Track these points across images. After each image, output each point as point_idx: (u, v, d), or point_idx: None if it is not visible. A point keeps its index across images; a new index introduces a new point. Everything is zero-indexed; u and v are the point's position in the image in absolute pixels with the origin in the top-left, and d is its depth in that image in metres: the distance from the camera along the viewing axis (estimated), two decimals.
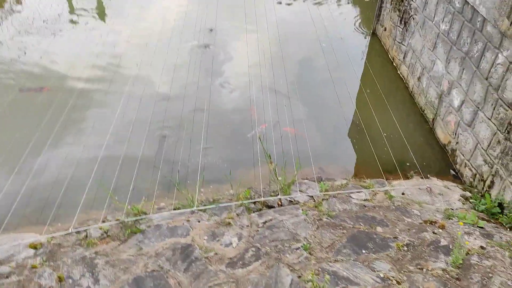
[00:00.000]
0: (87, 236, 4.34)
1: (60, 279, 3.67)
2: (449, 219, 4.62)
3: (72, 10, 9.87)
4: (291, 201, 5.17)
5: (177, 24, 9.46)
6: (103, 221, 4.61)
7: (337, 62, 8.48)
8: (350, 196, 5.20)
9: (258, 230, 4.51)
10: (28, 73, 7.51)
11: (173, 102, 7.03)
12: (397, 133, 6.54)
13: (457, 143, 6.00)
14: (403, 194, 5.23)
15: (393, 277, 3.68)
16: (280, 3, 11.29)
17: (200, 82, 7.60)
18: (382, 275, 3.70)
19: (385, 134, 6.47)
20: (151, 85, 7.49)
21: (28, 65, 7.73)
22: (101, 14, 9.92)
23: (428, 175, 5.82)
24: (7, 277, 3.70)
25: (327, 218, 4.66)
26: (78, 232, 4.40)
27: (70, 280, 3.68)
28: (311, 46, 9.16)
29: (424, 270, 3.77)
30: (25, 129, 6.16)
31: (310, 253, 4.07)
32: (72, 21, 9.41)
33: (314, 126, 6.85)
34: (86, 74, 7.57)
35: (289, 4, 11.32)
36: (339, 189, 5.39)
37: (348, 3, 11.66)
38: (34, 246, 4.13)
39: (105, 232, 4.39)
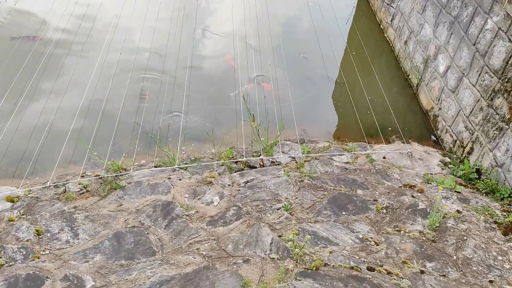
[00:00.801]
0: (65, 191, 4.26)
1: (38, 233, 3.61)
2: (428, 183, 4.72)
3: None
4: (273, 162, 5.16)
5: None
6: (82, 176, 4.52)
7: (323, 22, 8.28)
8: (332, 159, 5.22)
9: (239, 190, 4.51)
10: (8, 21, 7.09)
11: (154, 55, 6.80)
12: (381, 97, 6.53)
13: (439, 109, 6.04)
14: (384, 158, 5.29)
15: (371, 238, 3.76)
16: None
17: (183, 36, 7.33)
18: (361, 236, 3.78)
19: (369, 98, 6.45)
20: (132, 36, 7.19)
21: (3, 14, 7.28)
22: None
23: (410, 140, 5.88)
24: None
25: (309, 180, 4.69)
26: (56, 186, 4.31)
27: (49, 234, 3.63)
28: (297, 5, 8.89)
29: (402, 232, 3.87)
30: (2, 77, 5.88)
31: (291, 214, 4.11)
32: None
33: (297, 87, 6.76)
34: (64, 24, 7.19)
35: None
36: (322, 151, 5.40)
37: None
38: (11, 200, 4.03)
39: (84, 187, 4.31)
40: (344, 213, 4.13)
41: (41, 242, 3.55)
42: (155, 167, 4.85)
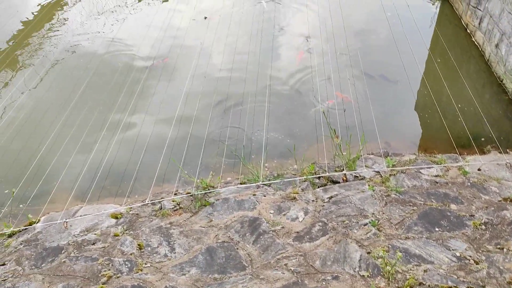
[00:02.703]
0: (161, 208, 4.59)
1: (140, 247, 3.94)
2: None
3: None
4: (356, 176, 5.08)
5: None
6: (175, 194, 4.84)
7: (403, 31, 8.04)
8: (420, 172, 5.01)
9: (323, 205, 4.51)
10: (100, 53, 7.89)
11: (236, 75, 7.11)
12: (472, 105, 6.14)
13: None
14: (479, 170, 4.95)
15: (470, 256, 3.54)
16: None
17: (261, 56, 7.58)
18: (458, 254, 3.57)
19: (458, 106, 6.10)
20: (214, 59, 7.59)
21: (94, 45, 8.10)
22: None
23: (507, 150, 5.44)
24: (93, 243, 4.03)
25: (396, 194, 4.55)
26: (153, 204, 4.67)
27: (149, 248, 3.94)
28: (374, 15, 8.74)
29: (505, 250, 3.59)
30: (101, 106, 6.54)
31: (378, 230, 4.01)
32: (138, 3, 9.66)
33: (378, 97, 6.61)
34: (153, 52, 7.81)
35: None
36: (408, 164, 5.21)
37: None
38: (115, 216, 4.44)
39: (177, 204, 4.62)
40: (437, 229, 3.93)
41: (143, 255, 3.86)
42: (241, 184, 5.03)
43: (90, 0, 9.65)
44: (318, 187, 4.91)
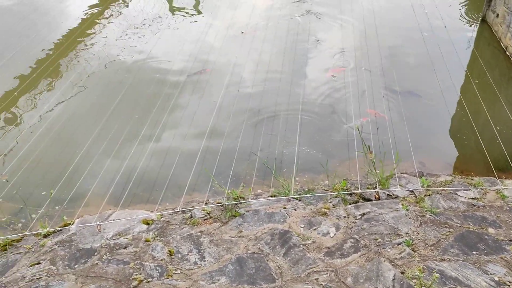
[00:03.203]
0: (192, 216, 4.62)
1: (170, 253, 3.97)
2: None
3: (172, 9, 10.47)
4: (389, 195, 4.99)
5: (268, 15, 9.58)
6: (206, 203, 4.87)
7: (440, 51, 7.96)
8: (456, 194, 4.88)
9: (355, 222, 4.44)
10: (133, 67, 8.13)
11: (269, 89, 7.17)
12: (511, 128, 5.96)
13: None
14: None
15: (509, 282, 3.39)
16: None
17: (295, 70, 7.64)
18: (496, 279, 3.43)
19: (497, 128, 5.93)
20: (248, 73, 7.68)
21: (130, 58, 8.36)
22: (198, 11, 10.39)
23: None
24: (125, 247, 4.09)
25: (431, 215, 4.44)
26: (184, 212, 4.71)
27: (179, 255, 3.96)
28: (411, 34, 8.70)
29: None
30: (136, 115, 6.71)
31: (413, 250, 3.91)
32: (172, 19, 9.95)
33: (413, 116, 6.52)
34: (188, 66, 7.98)
35: None
36: (443, 185, 5.09)
37: None
38: (146, 222, 4.51)
39: (208, 213, 4.64)
40: (474, 252, 3.79)
41: (173, 261, 3.89)
42: (271, 196, 5.02)
43: (127, 15, 10.02)
44: (350, 204, 4.84)
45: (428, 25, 8.87)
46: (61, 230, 4.60)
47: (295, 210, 4.72)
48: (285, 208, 4.73)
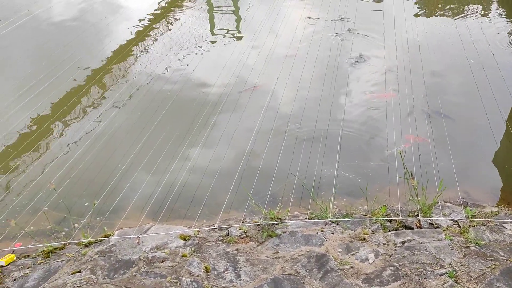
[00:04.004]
0: (228, 234, 4.64)
1: (206, 270, 3.99)
2: None
3: (213, 31, 10.79)
4: (431, 223, 4.83)
5: (307, 38, 9.69)
6: (243, 222, 4.89)
7: (487, 78, 7.75)
8: (502, 226, 4.66)
9: (395, 250, 4.31)
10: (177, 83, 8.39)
11: (308, 109, 7.21)
12: None
13: None
14: None
15: None
16: (418, 15, 10.77)
17: (336, 91, 7.64)
18: None
19: None
20: (288, 94, 7.75)
21: (172, 78, 8.63)
22: (239, 32, 10.66)
23: None
24: (162, 261, 4.15)
25: (475, 247, 4.25)
26: (220, 229, 4.74)
27: (215, 272, 3.98)
28: (456, 60, 8.54)
29: None
30: (178, 132, 6.89)
31: (456, 281, 3.75)
32: (214, 40, 10.24)
33: (458, 143, 6.34)
34: (229, 86, 8.15)
35: (427, 17, 10.75)
36: (489, 216, 4.88)
37: (500, 15, 10.59)
38: (184, 237, 4.56)
39: (244, 232, 4.65)
40: None
41: (209, 278, 3.90)
42: (308, 219, 4.97)
43: (170, 35, 10.42)
44: (389, 231, 4.72)
45: (474, 51, 8.67)
46: (101, 240, 4.73)
47: (333, 233, 4.64)
48: (322, 231, 4.67)
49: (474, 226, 4.67)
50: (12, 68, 9.15)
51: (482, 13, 10.75)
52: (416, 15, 10.79)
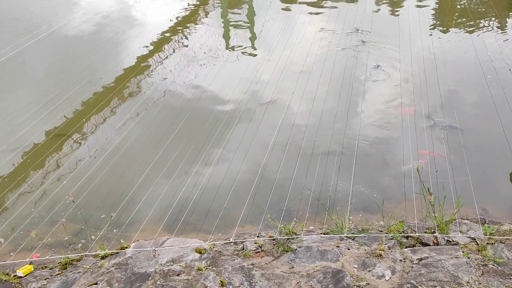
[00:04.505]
0: (243, 248, 4.65)
1: (222, 284, 3.99)
2: None
3: (229, 46, 10.93)
4: (448, 240, 4.78)
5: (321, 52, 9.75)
6: (258, 236, 4.89)
7: (504, 93, 7.69)
8: None
9: (412, 267, 4.26)
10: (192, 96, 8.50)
11: (324, 123, 7.25)
12: None
13: None
14: None
15: None
16: (431, 35, 10.74)
17: (352, 104, 7.66)
18: None
19: None
20: (303, 109, 7.78)
21: (187, 92, 8.73)
22: (253, 47, 10.77)
23: None
24: (178, 274, 4.17)
25: (494, 265, 4.19)
26: (236, 243, 4.75)
27: (231, 286, 3.98)
28: (472, 76, 8.51)
29: None
30: (194, 146, 6.95)
31: None
32: (229, 55, 10.36)
33: (475, 160, 6.28)
34: (244, 101, 8.21)
35: (444, 32, 10.75)
36: (507, 234, 4.80)
37: None
38: (199, 251, 4.58)
39: (259, 246, 4.65)
40: None
41: None
42: (324, 234, 4.95)
43: (187, 49, 10.59)
44: (406, 247, 4.67)
45: (491, 67, 8.63)
46: (118, 253, 4.77)
47: (349, 249, 4.61)
48: (338, 246, 4.64)
49: (492, 243, 4.60)
50: (31, 81, 9.38)
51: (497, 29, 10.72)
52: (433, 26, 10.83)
